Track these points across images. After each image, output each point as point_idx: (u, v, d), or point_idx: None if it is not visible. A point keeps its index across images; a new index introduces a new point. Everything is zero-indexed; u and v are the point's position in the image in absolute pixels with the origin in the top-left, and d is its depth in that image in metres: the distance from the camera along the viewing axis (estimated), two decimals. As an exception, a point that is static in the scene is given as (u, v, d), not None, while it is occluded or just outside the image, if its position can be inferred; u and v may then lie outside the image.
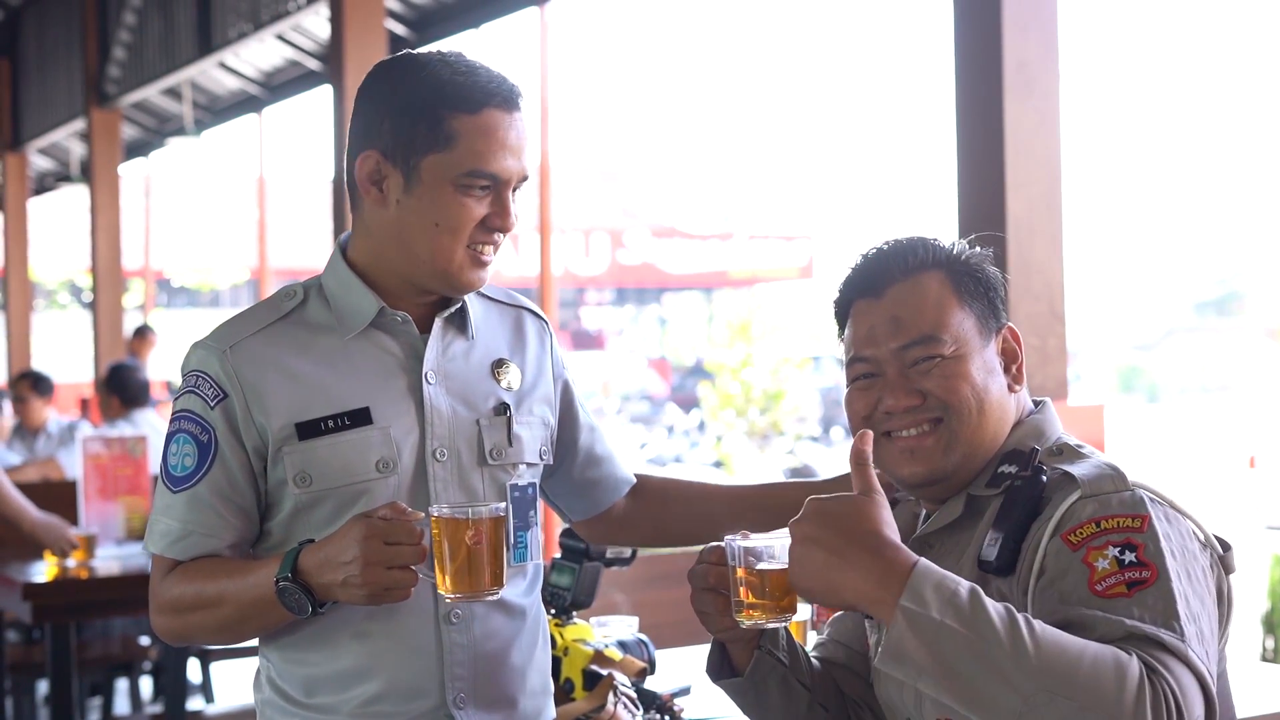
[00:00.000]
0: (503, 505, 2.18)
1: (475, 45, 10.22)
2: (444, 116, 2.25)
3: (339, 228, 9.04)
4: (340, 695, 2.34)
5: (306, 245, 23.22)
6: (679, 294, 33.11)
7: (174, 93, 14.29)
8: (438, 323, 2.38)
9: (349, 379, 2.32)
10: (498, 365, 2.44)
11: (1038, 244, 4.65)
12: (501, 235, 2.32)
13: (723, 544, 2.18)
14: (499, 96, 2.28)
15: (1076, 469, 2.09)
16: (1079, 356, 31.01)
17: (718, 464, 15.44)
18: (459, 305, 2.40)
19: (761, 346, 15.34)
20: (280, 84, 13.42)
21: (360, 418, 2.30)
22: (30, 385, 8.94)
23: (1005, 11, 4.66)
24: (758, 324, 15.34)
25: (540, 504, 2.50)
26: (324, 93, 9.28)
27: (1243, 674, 3.13)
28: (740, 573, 2.13)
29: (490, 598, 2.17)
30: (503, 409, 2.41)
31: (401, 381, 2.35)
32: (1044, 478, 2.09)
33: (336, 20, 9.24)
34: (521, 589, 2.45)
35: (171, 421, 2.35)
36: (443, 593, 2.15)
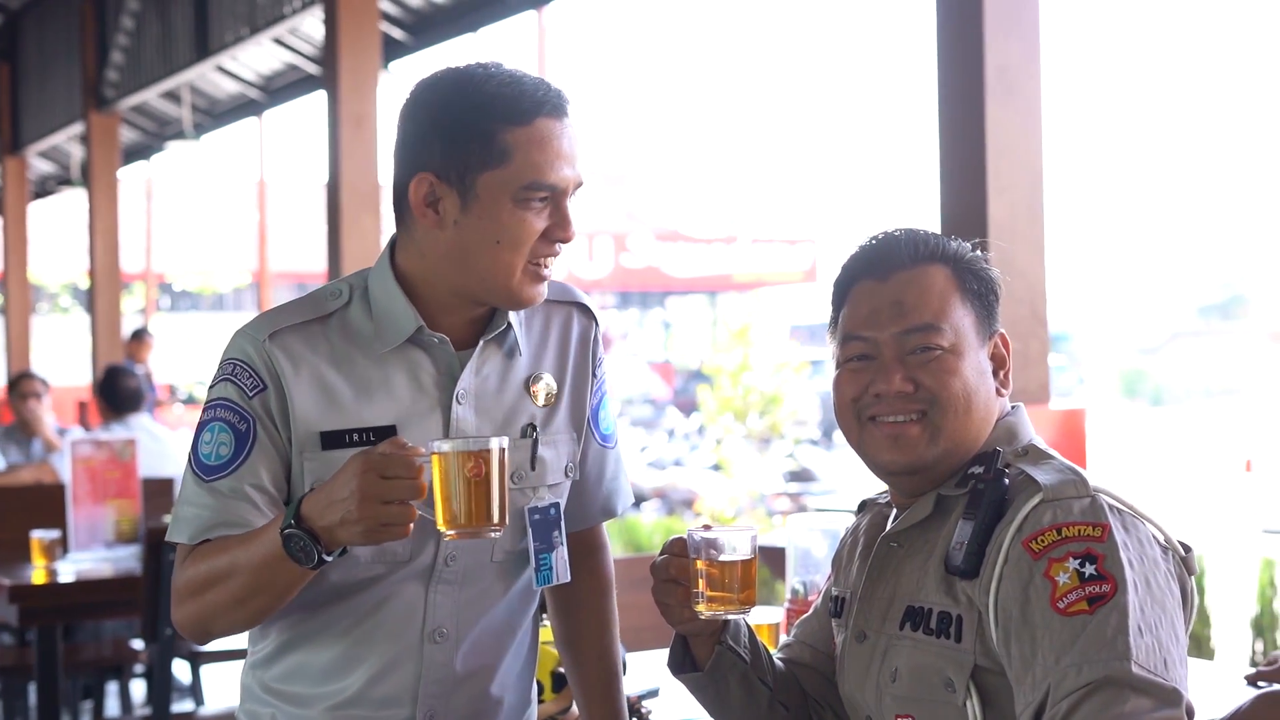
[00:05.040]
0: (505, 439, 2.12)
1: (474, 50, 10.23)
2: (496, 131, 2.20)
3: (335, 232, 9.04)
4: (317, 689, 2.34)
5: (307, 248, 23.23)
6: (683, 298, 33.13)
7: (173, 96, 14.34)
8: (480, 343, 2.34)
9: (380, 395, 2.30)
10: (532, 380, 2.40)
11: (1019, 248, 4.67)
12: (562, 246, 2.28)
13: (684, 536, 2.22)
14: (549, 105, 2.24)
15: (1040, 473, 2.12)
16: (1083, 361, 31.01)
17: (716, 467, 15.44)
18: (505, 326, 2.36)
19: (760, 350, 15.32)
20: (279, 88, 13.46)
21: (386, 435, 2.27)
22: (30, 386, 8.92)
23: (987, 16, 4.67)
24: (756, 328, 15.33)
25: (563, 524, 2.43)
26: (322, 97, 9.29)
27: (1235, 678, 3.14)
28: (701, 564, 2.18)
29: (493, 534, 2.11)
30: (529, 430, 2.38)
31: (432, 401, 2.32)
32: (1006, 480, 2.12)
33: (331, 24, 9.25)
34: (514, 605, 2.44)
35: (206, 409, 2.30)
36: (442, 529, 2.09)
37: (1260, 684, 3.09)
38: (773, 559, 4.46)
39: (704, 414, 15.95)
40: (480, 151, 2.20)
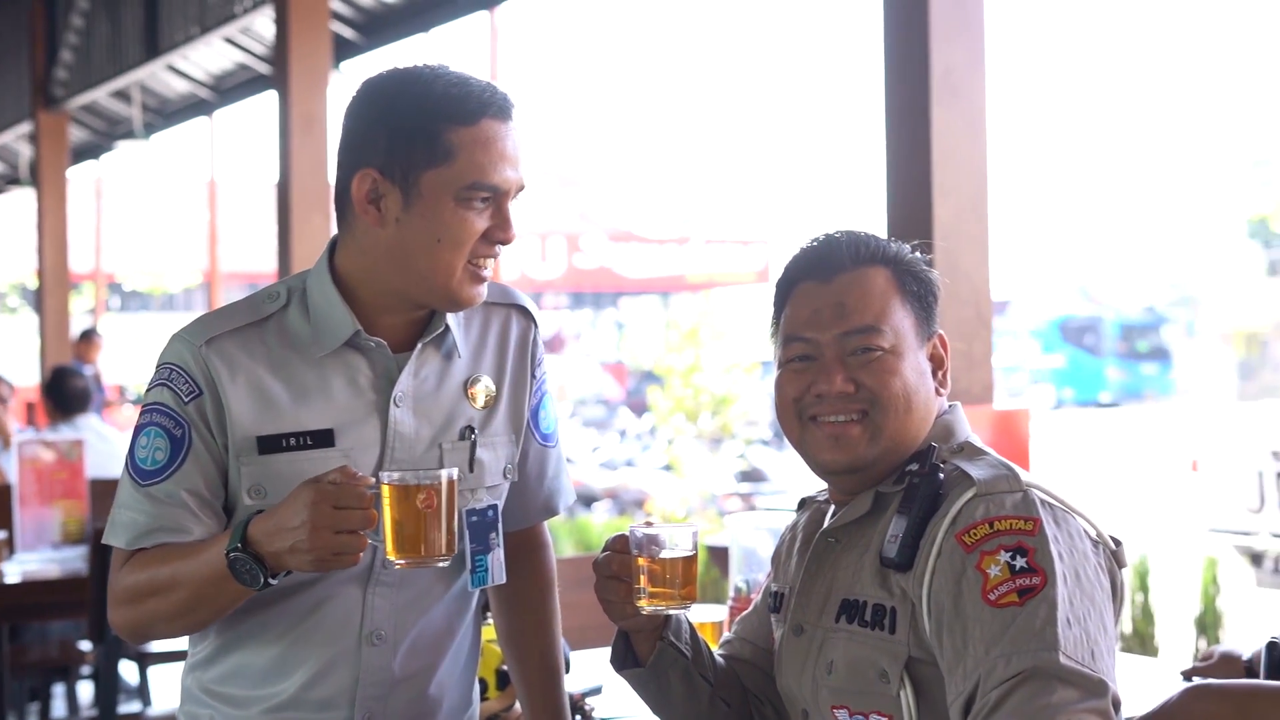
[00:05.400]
0: (455, 470, 2.16)
1: (425, 50, 10.21)
2: (441, 130, 2.22)
3: (285, 232, 9.03)
4: (254, 690, 2.35)
5: (258, 248, 23.14)
6: (636, 298, 33.13)
7: (123, 95, 14.26)
8: (418, 346, 2.35)
9: (317, 399, 2.30)
10: (470, 382, 2.42)
11: (964, 250, 4.71)
12: (502, 247, 2.29)
13: (626, 532, 2.25)
14: (494, 106, 2.26)
15: (973, 468, 2.16)
16: (1034, 361, 31.18)
17: (668, 468, 15.48)
18: (443, 328, 2.38)
19: (711, 351, 15.37)
20: (230, 87, 13.40)
21: (323, 439, 2.29)
22: None
23: (932, 20, 4.71)
24: (706, 329, 15.38)
25: (500, 525, 2.45)
26: (273, 96, 9.27)
27: (1175, 675, 3.19)
28: (642, 561, 2.21)
29: (441, 564, 2.16)
30: (467, 432, 2.40)
31: (370, 404, 2.33)
32: (941, 475, 2.15)
33: (282, 24, 9.22)
34: (452, 607, 2.46)
35: (142, 414, 2.31)
36: (391, 559, 2.13)
37: (1194, 679, 3.14)
38: (721, 558, 4.49)
39: (656, 414, 16.00)
40: (424, 150, 2.22)
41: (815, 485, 2.49)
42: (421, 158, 2.22)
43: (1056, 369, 28.92)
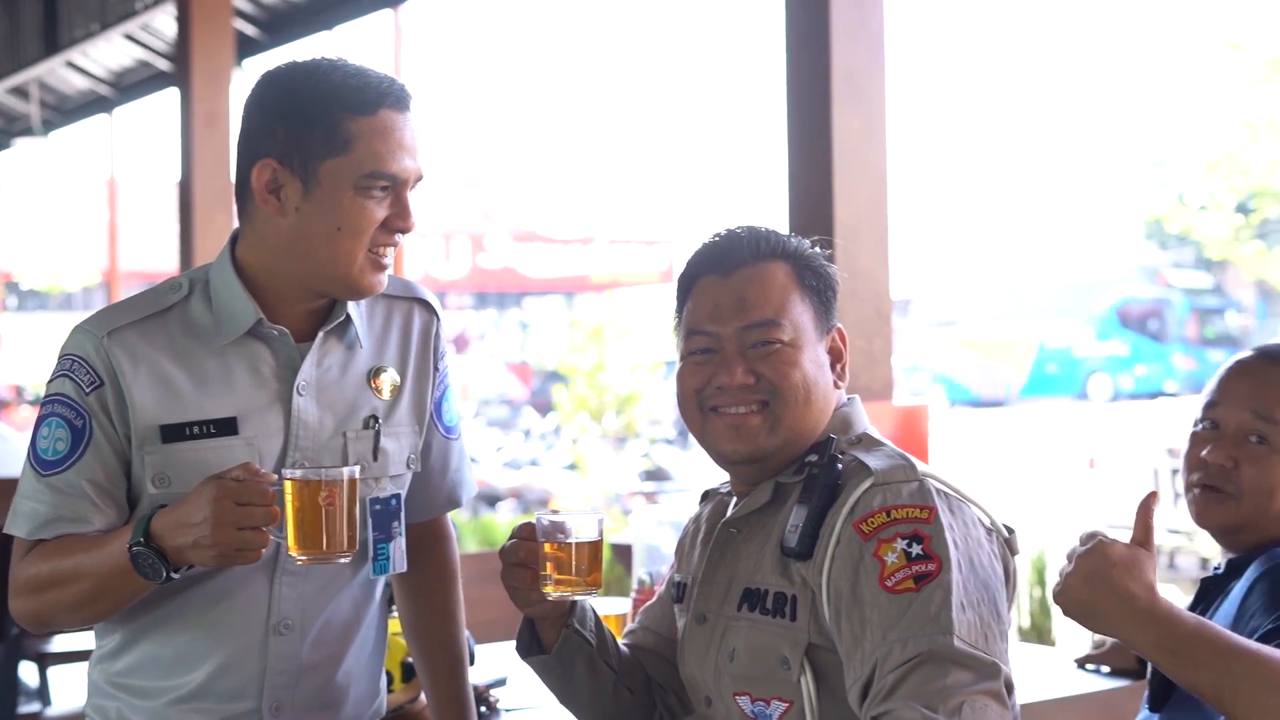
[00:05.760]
0: (357, 468, 2.20)
1: (329, 48, 10.18)
2: (340, 120, 2.24)
3: (187, 231, 8.97)
4: (162, 681, 2.36)
5: (158, 247, 22.91)
6: (540, 298, 33.10)
7: (21, 92, 14.07)
8: (320, 334, 2.37)
9: (220, 387, 2.32)
10: (374, 373, 2.44)
11: (865, 249, 4.78)
12: (401, 236, 2.32)
13: (533, 521, 2.28)
14: (392, 97, 2.28)
15: (871, 459, 2.21)
16: (935, 359, 31.47)
17: (572, 466, 15.52)
18: (343, 317, 2.40)
19: (616, 350, 15.43)
20: (131, 84, 13.27)
21: (226, 427, 2.30)
22: None
23: (834, 23, 4.77)
24: (611, 329, 15.43)
25: (403, 514, 2.48)
26: (175, 94, 9.21)
27: (1069, 663, 3.27)
28: (549, 548, 2.25)
29: (342, 560, 2.19)
30: (371, 422, 2.42)
31: (272, 392, 2.35)
32: (839, 465, 2.20)
33: (183, 21, 9.17)
34: (358, 596, 2.47)
35: (44, 405, 2.32)
36: (293, 554, 2.16)
37: (1089, 667, 3.22)
38: (624, 555, 4.53)
39: (560, 414, 16.03)
40: (323, 139, 2.24)
41: (719, 480, 2.54)
42: (320, 147, 2.25)
43: (1116, 356, 28.62)
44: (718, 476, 2.54)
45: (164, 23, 11.09)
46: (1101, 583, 2.06)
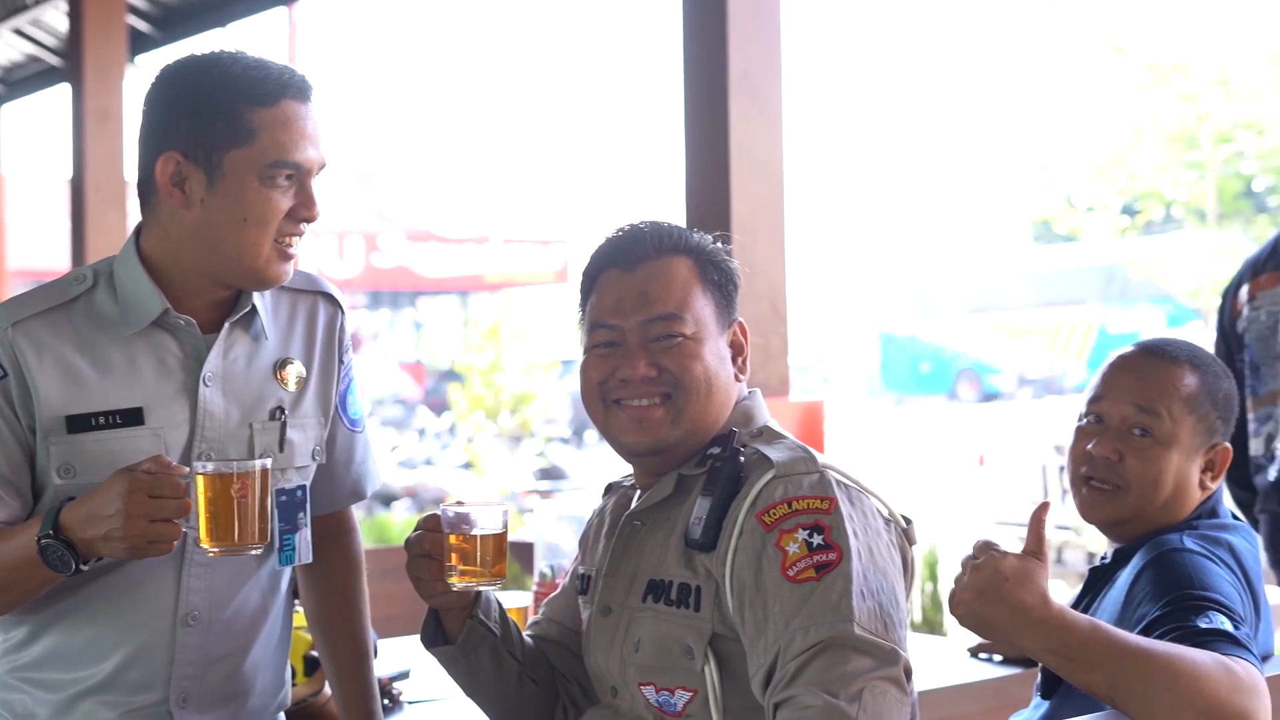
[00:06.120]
0: (269, 460, 2.21)
1: (223, 44, 10.08)
2: (243, 111, 2.26)
3: (79, 228, 8.86)
4: (68, 674, 2.36)
5: (49, 245, 22.60)
6: (434, 298, 32.96)
7: (-95, 87, 13.83)
8: (225, 325, 2.38)
9: (126, 378, 2.32)
10: (280, 365, 2.45)
11: (760, 246, 4.82)
12: (307, 225, 2.34)
13: (438, 512, 2.31)
14: (294, 87, 2.31)
15: (772, 451, 2.25)
16: (829, 359, 31.70)
17: (467, 465, 15.50)
18: (248, 308, 2.41)
19: (512, 350, 15.43)
20: (20, 80, 13.07)
21: (132, 417, 2.31)
22: None
23: (730, 22, 4.80)
24: (507, 327, 15.43)
25: (309, 505, 2.50)
26: (66, 90, 9.11)
27: (961, 652, 3.34)
28: (453, 539, 2.27)
29: (254, 551, 2.20)
30: (277, 413, 2.43)
31: (179, 383, 2.35)
32: (741, 458, 2.25)
33: (75, 16, 9.04)
34: (265, 587, 2.49)
35: None
36: (205, 547, 2.16)
37: (981, 656, 3.29)
38: (522, 553, 4.54)
39: (455, 413, 15.99)
40: (227, 130, 2.26)
41: (622, 473, 2.57)
42: (224, 138, 2.26)
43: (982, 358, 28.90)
44: (613, 474, 2.58)
45: (55, 18, 10.94)
46: (993, 596, 2.13)
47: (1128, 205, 14.09)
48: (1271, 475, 3.86)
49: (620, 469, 2.53)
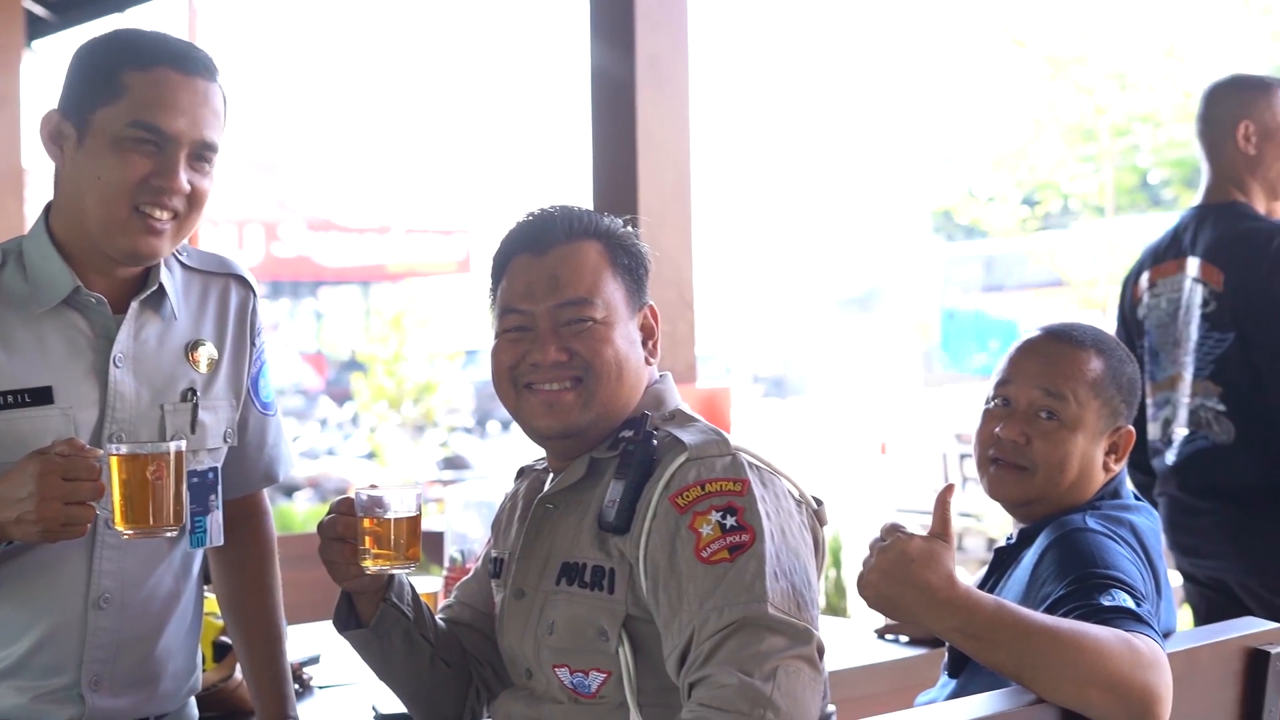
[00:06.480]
0: (183, 442, 2.20)
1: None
2: (118, 71, 2.25)
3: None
4: None
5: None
6: (335, 288, 32.75)
7: None
8: (134, 305, 2.35)
9: (35, 357, 2.29)
10: (192, 346, 2.43)
11: (668, 233, 4.85)
12: (172, 199, 2.28)
13: (352, 495, 2.30)
14: (177, 57, 2.28)
15: (685, 434, 2.26)
16: (728, 351, 31.82)
17: (371, 455, 15.44)
18: (156, 287, 2.38)
19: (415, 339, 15.39)
20: (-89, 64, 12.87)
21: (41, 396, 2.28)
22: None
23: (638, 8, 4.82)
24: (410, 317, 15.38)
25: (220, 488, 2.48)
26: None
27: (867, 634, 3.37)
28: (367, 523, 2.27)
29: (169, 534, 2.19)
30: (189, 395, 2.41)
31: (88, 363, 2.33)
32: (654, 441, 2.26)
33: (-33, -1, 8.93)
34: (177, 570, 2.47)
35: None
36: (119, 529, 2.15)
37: (888, 637, 3.33)
38: (429, 541, 4.54)
39: (358, 403, 15.92)
40: (100, 87, 2.25)
41: (532, 457, 2.58)
42: (95, 96, 2.26)
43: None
44: (517, 463, 2.59)
45: (-53, 1, 10.79)
46: (900, 577, 2.15)
47: (1027, 196, 14.26)
48: (1169, 459, 3.94)
49: (526, 456, 2.54)
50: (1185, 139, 12.95)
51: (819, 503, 2.34)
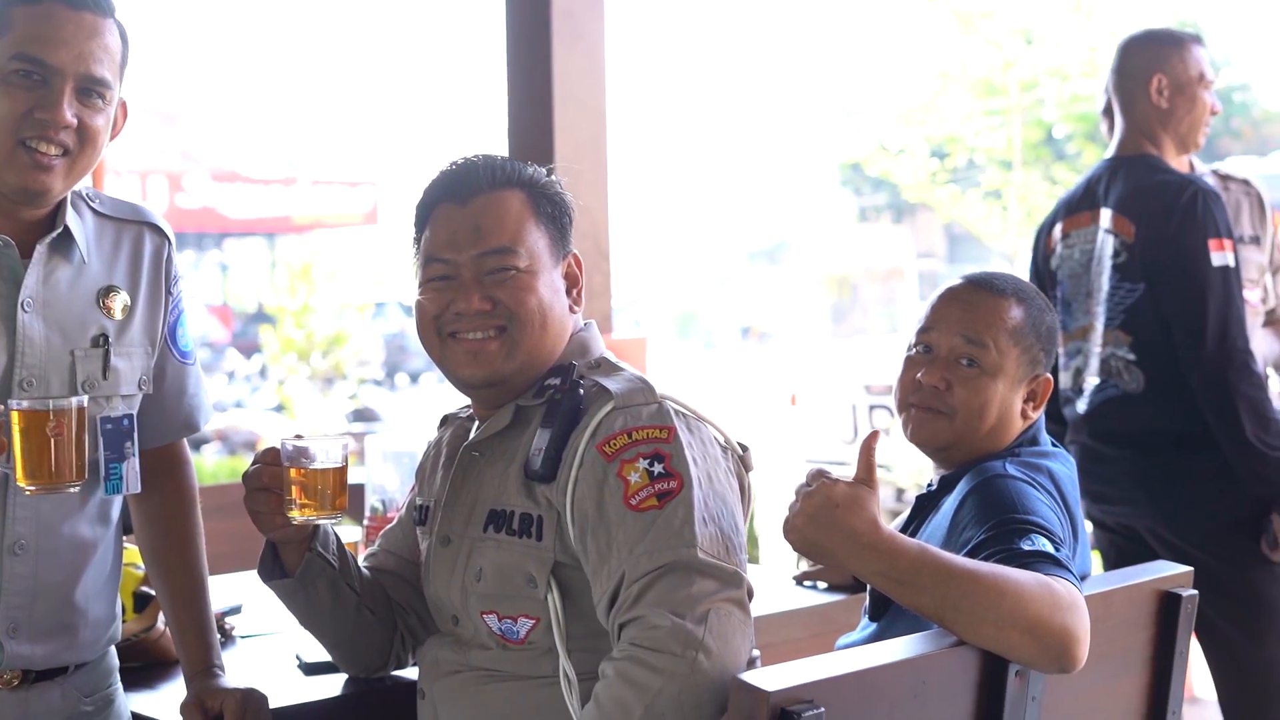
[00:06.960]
0: (85, 397, 2.18)
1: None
2: (9, 7, 2.23)
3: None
4: None
5: None
6: (241, 240, 32.47)
7: None
8: (40, 248, 2.32)
9: None
10: (105, 293, 2.40)
11: (584, 184, 4.85)
12: (58, 133, 2.26)
13: (277, 445, 2.30)
14: None
15: (611, 383, 2.28)
16: (638, 302, 31.89)
17: (279, 408, 15.35)
18: (63, 229, 2.35)
19: (324, 292, 15.30)
20: None
21: None
22: None
23: (554, -40, 4.82)
24: (319, 269, 15.28)
25: (136, 435, 2.46)
26: None
27: (783, 580, 3.42)
28: (293, 473, 2.27)
29: (72, 490, 2.18)
30: (101, 340, 2.38)
31: None
32: (581, 390, 2.27)
33: None
34: (94, 517, 2.44)
35: None
36: (21, 484, 2.13)
37: (806, 583, 3.37)
38: (349, 495, 4.54)
39: (266, 355, 15.82)
40: None
41: (442, 409, 2.59)
42: None
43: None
44: (426, 414, 2.59)
45: None
46: (826, 521, 2.18)
47: (935, 149, 14.35)
48: (1080, 407, 4.00)
49: (435, 408, 2.53)
50: (1090, 94, 13.06)
51: (744, 448, 2.37)
